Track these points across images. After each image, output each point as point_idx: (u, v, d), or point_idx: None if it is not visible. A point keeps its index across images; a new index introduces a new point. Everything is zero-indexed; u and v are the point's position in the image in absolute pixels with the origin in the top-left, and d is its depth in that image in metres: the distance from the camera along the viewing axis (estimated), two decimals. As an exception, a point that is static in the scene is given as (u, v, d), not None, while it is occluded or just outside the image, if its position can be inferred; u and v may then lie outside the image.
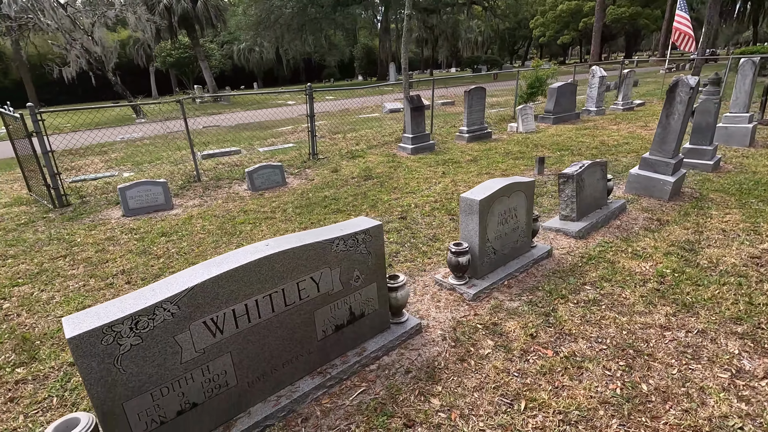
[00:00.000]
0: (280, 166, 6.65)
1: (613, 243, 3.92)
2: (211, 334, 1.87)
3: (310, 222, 4.94)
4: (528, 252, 3.63)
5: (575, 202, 4.17)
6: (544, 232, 4.27)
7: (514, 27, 63.77)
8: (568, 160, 6.93)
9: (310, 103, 7.88)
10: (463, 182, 6.08)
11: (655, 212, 4.62)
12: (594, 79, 11.29)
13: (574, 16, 52.79)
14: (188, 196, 6.35)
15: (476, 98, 8.91)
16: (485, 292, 3.12)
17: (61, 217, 5.62)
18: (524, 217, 3.47)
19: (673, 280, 3.20)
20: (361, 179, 6.64)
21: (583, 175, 4.17)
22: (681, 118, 4.71)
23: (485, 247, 3.18)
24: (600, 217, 4.34)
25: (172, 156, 9.91)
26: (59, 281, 3.81)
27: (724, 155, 6.67)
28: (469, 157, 7.55)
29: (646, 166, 5.14)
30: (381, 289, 2.54)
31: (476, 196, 3.03)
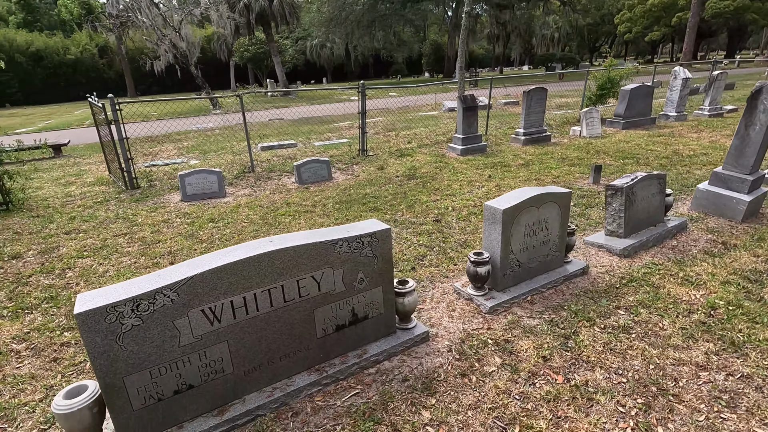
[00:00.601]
0: (327, 161, 6.82)
1: (662, 265, 3.56)
2: (209, 323, 1.97)
3: (346, 218, 5.01)
4: (560, 267, 3.40)
5: (623, 217, 3.84)
6: (585, 247, 3.98)
7: (597, 23, 59.73)
8: (631, 170, 6.38)
9: (362, 101, 7.98)
10: (507, 187, 5.84)
11: (721, 234, 4.11)
12: (676, 81, 10.26)
13: (667, 11, 48.33)
14: (241, 186, 6.73)
15: (536, 99, 8.48)
16: (504, 306, 2.98)
17: (129, 198, 6.22)
18: (557, 230, 3.25)
19: (725, 314, 2.83)
20: (404, 178, 6.62)
21: (634, 189, 3.82)
22: (764, 129, 4.13)
23: (508, 259, 3.03)
24: (652, 235, 3.95)
25: (235, 146, 10.55)
26: (116, 257, 4.23)
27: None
28: (521, 162, 7.22)
29: (718, 181, 4.58)
30: (387, 294, 2.52)
31: (500, 205, 2.89)
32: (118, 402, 1.83)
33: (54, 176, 8.12)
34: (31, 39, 47.84)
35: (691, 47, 34.76)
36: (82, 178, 7.78)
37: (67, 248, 4.48)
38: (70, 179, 7.79)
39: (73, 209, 5.84)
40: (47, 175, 8.36)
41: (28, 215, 5.65)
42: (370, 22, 33.86)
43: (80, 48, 49.64)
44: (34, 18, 56.78)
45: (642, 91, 9.64)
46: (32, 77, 46.78)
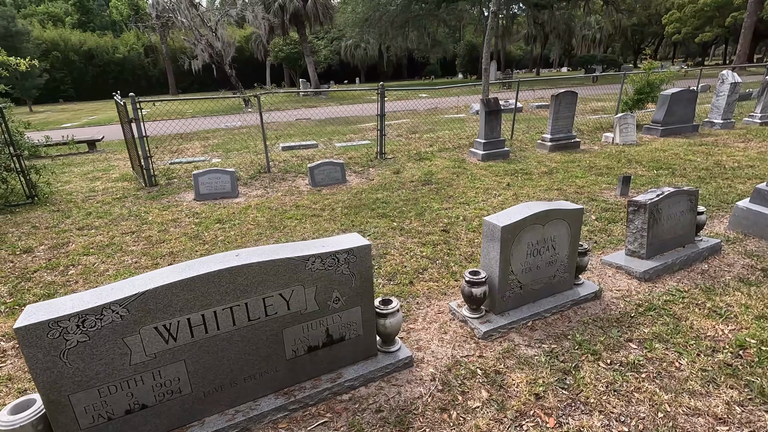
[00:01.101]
0: (341, 163, 6.70)
1: (687, 292, 3.19)
2: (163, 341, 1.86)
3: (352, 224, 4.86)
4: (569, 290, 3.11)
5: (646, 237, 3.48)
6: (602, 267, 3.65)
7: (643, 23, 57.09)
8: (665, 182, 5.90)
9: (381, 102, 7.82)
10: (526, 197, 5.51)
11: (761, 259, 3.68)
12: (723, 86, 9.51)
13: (721, 10, 45.55)
14: (255, 186, 6.71)
15: (565, 104, 8.05)
16: (500, 331, 2.73)
17: (146, 196, 6.32)
18: (565, 249, 2.97)
19: (756, 355, 2.48)
20: (419, 183, 6.40)
21: (659, 206, 3.46)
22: (816, 142, 3.66)
23: (507, 280, 2.78)
24: (680, 257, 3.57)
25: (258, 146, 10.62)
26: (119, 255, 4.25)
27: None
28: (545, 169, 6.84)
29: (761, 199, 4.12)
30: (367, 314, 2.34)
31: (499, 222, 2.65)
32: (64, 420, 1.75)
33: (84, 171, 8.43)
34: (84, 38, 50.61)
35: (746, 49, 32.55)
36: (108, 174, 8.02)
37: (75, 245, 4.56)
38: (98, 174, 8.05)
39: (92, 205, 5.99)
40: (78, 169, 8.68)
41: (49, 209, 5.83)
42: (404, 23, 33.63)
43: (128, 47, 52.10)
44: (87, 19, 60.14)
45: (684, 96, 8.98)
46: (84, 75, 49.44)
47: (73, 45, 48.85)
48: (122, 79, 50.78)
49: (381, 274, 3.65)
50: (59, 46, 47.85)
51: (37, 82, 33.19)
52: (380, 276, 3.62)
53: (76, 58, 48.58)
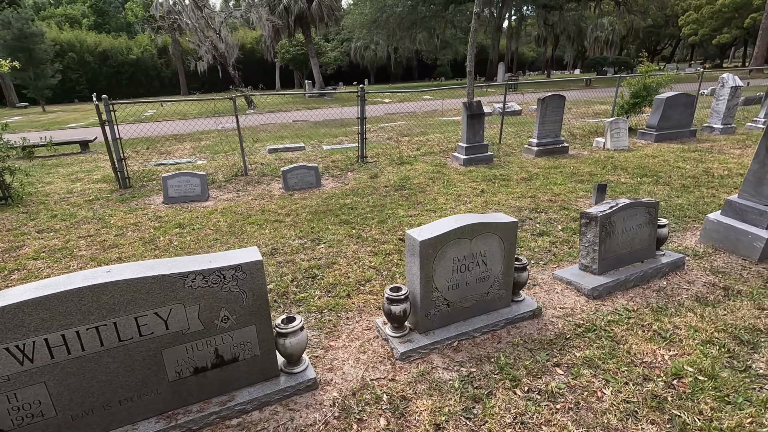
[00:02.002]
0: (315, 167, 6.59)
1: (636, 312, 2.99)
2: (18, 362, 1.75)
3: (311, 231, 4.74)
4: (505, 308, 2.93)
5: (598, 251, 3.28)
6: (552, 282, 3.45)
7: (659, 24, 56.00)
8: (646, 190, 5.65)
9: (361, 106, 7.69)
10: (497, 204, 5.32)
11: (726, 276, 3.44)
12: (723, 90, 9.15)
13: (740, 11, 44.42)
14: (228, 189, 6.64)
15: (552, 107, 7.81)
16: (420, 352, 2.57)
17: (117, 198, 6.29)
18: (499, 265, 2.79)
19: (690, 386, 2.28)
20: (393, 189, 6.25)
21: (612, 218, 3.26)
22: (788, 152, 3.42)
23: (431, 298, 2.62)
24: (635, 273, 3.36)
25: (247, 148, 10.59)
26: (67, 260, 4.20)
27: None
28: (525, 175, 6.63)
29: (732, 211, 3.87)
30: (263, 333, 2.20)
31: (419, 236, 2.49)
32: None
33: (69, 172, 8.47)
34: (99, 40, 51.56)
35: (763, 51, 31.64)
36: (91, 175, 8.05)
37: (29, 248, 4.52)
38: (81, 176, 8.08)
39: (61, 207, 5.98)
40: (65, 170, 8.74)
41: (18, 211, 5.84)
42: (411, 24, 33.50)
43: (141, 49, 52.95)
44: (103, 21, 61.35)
45: (680, 100, 8.66)
46: (98, 76, 50.33)
47: (88, 46, 49.79)
48: (135, 80, 51.68)
49: (321, 285, 3.52)
50: (75, 47, 48.85)
51: (49, 83, 33.89)
52: (319, 288, 3.48)
53: (91, 59, 49.50)
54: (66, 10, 62.72)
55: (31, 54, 31.15)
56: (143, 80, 52.18)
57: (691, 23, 48.58)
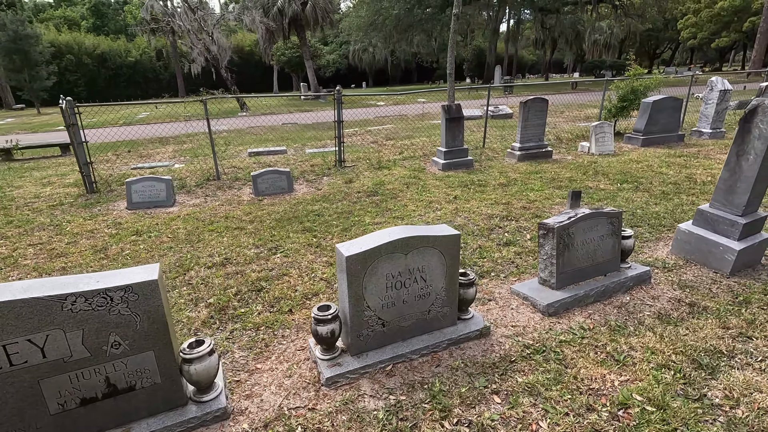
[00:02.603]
0: (287, 172, 6.40)
1: (592, 331, 2.79)
2: None
3: (270, 239, 4.55)
4: (449, 327, 2.73)
5: (555, 265, 3.09)
6: (509, 297, 3.25)
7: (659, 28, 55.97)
8: (624, 197, 5.45)
9: (337, 109, 7.50)
10: (468, 211, 5.13)
11: (695, 291, 3.24)
12: (712, 94, 8.96)
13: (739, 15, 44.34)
14: (197, 194, 6.46)
15: (534, 111, 7.62)
16: (348, 378, 2.37)
17: (81, 203, 6.11)
18: (440, 281, 2.59)
19: (636, 417, 2.07)
20: (365, 194, 6.06)
21: (570, 230, 3.07)
22: (759, 160, 3.22)
23: (362, 317, 2.42)
24: (596, 288, 3.16)
25: (228, 151, 10.42)
26: (8, 270, 4.01)
27: None
28: (503, 181, 6.44)
29: (703, 221, 3.67)
30: (164, 359, 2.01)
31: (346, 251, 2.30)
32: None
33: (42, 176, 8.30)
34: (98, 42, 51.56)
35: (761, 55, 31.48)
36: (63, 179, 7.87)
37: (-26, 256, 4.34)
38: (53, 179, 7.90)
39: (22, 212, 5.80)
40: (39, 173, 8.57)
41: (-24, 216, 5.66)
42: (408, 27, 33.38)
43: (140, 51, 52.92)
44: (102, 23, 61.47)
45: (667, 104, 8.47)
46: (97, 77, 50.28)
47: (86, 48, 49.72)
48: (134, 82, 51.63)
49: (265, 299, 3.32)
50: (73, 49, 48.79)
51: (44, 85, 33.80)
52: (263, 302, 3.29)
53: (89, 62, 49.43)
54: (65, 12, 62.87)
55: (27, 56, 31.09)
56: (141, 82, 52.12)
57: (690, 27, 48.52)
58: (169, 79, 52.74)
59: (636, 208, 5.03)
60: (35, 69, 32.18)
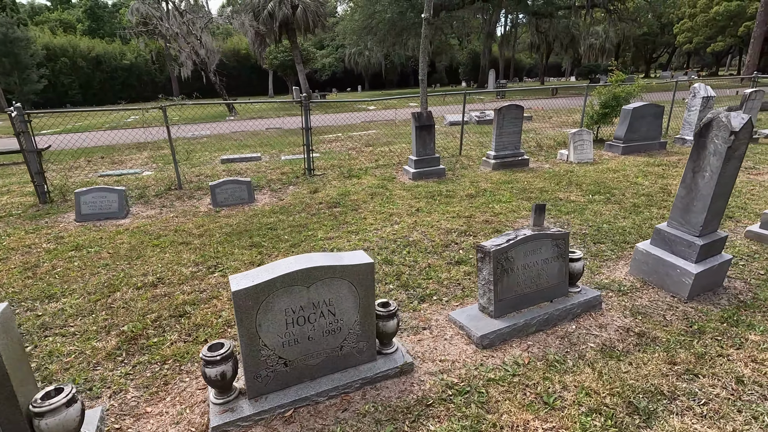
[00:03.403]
0: (247, 182, 6.16)
1: (527, 366, 2.54)
2: None
3: (214, 256, 4.30)
4: (367, 364, 2.48)
5: (493, 291, 2.84)
6: (447, 326, 3.01)
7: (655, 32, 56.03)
8: (593, 210, 5.21)
9: (305, 116, 7.28)
10: (427, 225, 4.89)
11: (647, 319, 3.00)
12: (695, 100, 8.75)
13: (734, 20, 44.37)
14: (154, 205, 6.21)
15: (509, 118, 7.39)
16: (240, 426, 2.12)
17: (28, 215, 5.86)
18: (353, 314, 2.35)
19: (551, 478, 1.82)
20: (327, 205, 5.82)
21: (509, 253, 2.82)
22: (715, 177, 2.99)
23: (259, 357, 2.17)
24: (539, 317, 2.91)
25: (203, 157, 10.19)
26: (-76, 291, 3.76)
27: None
28: (472, 191, 6.20)
29: (661, 241, 3.44)
30: (7, 413, 1.76)
31: (236, 285, 2.06)
32: None
33: (3, 183, 8.05)
34: (93, 45, 51.40)
35: (755, 60, 31.42)
36: (23, 188, 7.62)
37: None
38: (14, 188, 7.65)
39: (-34, 224, 5.55)
40: (2, 181, 8.32)
41: None
42: (401, 30, 33.27)
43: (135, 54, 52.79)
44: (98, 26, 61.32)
45: (647, 111, 8.25)
46: (91, 80, 50.08)
47: (81, 51, 49.53)
48: (129, 85, 51.47)
49: (185, 326, 3.07)
50: (68, 52, 48.57)
51: (35, 87, 33.62)
52: (182, 330, 3.04)
53: (84, 64, 49.23)
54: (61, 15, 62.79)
55: (17, 59, 30.93)
56: (137, 85, 51.96)
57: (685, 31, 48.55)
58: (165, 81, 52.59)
59: (603, 223, 4.79)
60: (25, 72, 32.02)
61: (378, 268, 3.85)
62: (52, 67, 46.70)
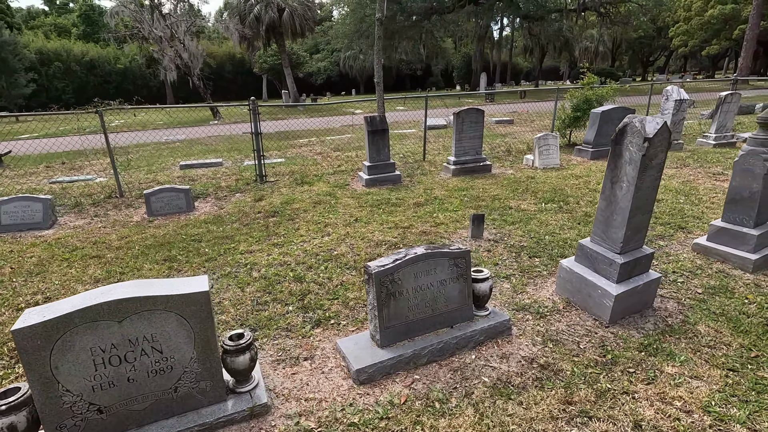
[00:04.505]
0: (185, 190, 5.86)
1: (400, 408, 2.22)
2: None
3: (121, 272, 3.99)
4: (214, 405, 2.16)
5: (378, 317, 2.52)
6: (332, 356, 2.69)
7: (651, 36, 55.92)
8: (541, 219, 4.89)
9: (254, 121, 6.98)
10: (359, 237, 4.57)
11: (559, 347, 2.67)
12: (668, 103, 8.45)
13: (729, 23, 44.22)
14: (87, 214, 5.91)
15: (469, 122, 7.09)
16: (29, 487, 1.80)
17: (-48, 225, 5.55)
18: (188, 351, 2.03)
19: None
20: (265, 215, 5.52)
21: (396, 275, 2.51)
22: (632, 188, 2.67)
23: (61, 404, 1.86)
24: (431, 346, 2.59)
25: (165, 162, 9.91)
26: None
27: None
28: (423, 199, 5.89)
29: (584, 257, 3.12)
30: None
31: (22, 321, 1.74)
32: None
33: (-51, 190, 7.75)
34: (87, 49, 51.32)
35: (748, 62, 31.25)
36: (-34, 195, 7.31)
37: None
38: (-44, 195, 7.34)
39: None
40: (-50, 188, 8.02)
41: None
42: (392, 34, 33.06)
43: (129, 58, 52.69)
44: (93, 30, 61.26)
45: (617, 114, 7.95)
46: (85, 84, 49.97)
47: (75, 55, 49.43)
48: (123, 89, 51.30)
49: (43, 355, 2.75)
50: (61, 56, 48.50)
51: (23, 92, 33.42)
52: (37, 359, 2.71)
53: (77, 69, 49.15)
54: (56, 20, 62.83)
55: (5, 63, 30.74)
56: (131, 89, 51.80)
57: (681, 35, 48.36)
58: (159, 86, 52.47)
59: (546, 234, 4.47)
60: (13, 76, 31.82)
61: (285, 287, 3.54)
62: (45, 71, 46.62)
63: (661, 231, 4.45)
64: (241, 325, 3.02)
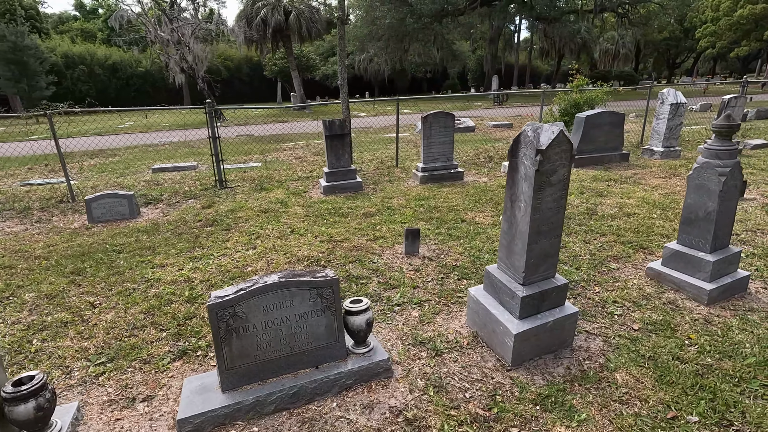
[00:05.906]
0: (129, 195, 5.63)
1: (211, 472, 1.85)
2: None
3: (20, 285, 3.74)
4: (-16, 461, 1.84)
5: (221, 357, 2.16)
6: (174, 397, 2.34)
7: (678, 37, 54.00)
8: (489, 235, 4.44)
9: (210, 124, 6.73)
10: (283, 252, 4.21)
11: (440, 395, 2.25)
12: (663, 107, 7.81)
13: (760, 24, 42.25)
14: (30, 219, 5.75)
15: (437, 127, 6.67)
16: None
17: None
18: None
19: None
20: (205, 223, 5.23)
21: (239, 308, 2.14)
22: (529, 208, 2.24)
23: None
24: (282, 391, 2.21)
25: (141, 166, 9.79)
26: None
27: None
28: (374, 209, 5.50)
29: (490, 287, 2.68)
30: None
31: None
32: None
33: None
34: (110, 53, 52.87)
35: (777, 64, 29.48)
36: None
37: None
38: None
39: None
40: (-74, 189, 8.06)
41: None
42: (402, 36, 32.76)
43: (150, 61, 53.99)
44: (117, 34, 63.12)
45: (604, 119, 7.38)
46: (107, 87, 51.46)
47: (98, 59, 50.96)
48: (143, 91, 52.63)
49: None
50: (86, 59, 50.08)
51: (44, 94, 34.47)
52: None
53: (100, 72, 50.66)
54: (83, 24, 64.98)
55: (25, 66, 31.79)
56: (151, 92, 53.09)
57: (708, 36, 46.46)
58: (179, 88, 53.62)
59: (488, 251, 4.03)
60: (34, 79, 32.87)
61: (172, 309, 3.21)
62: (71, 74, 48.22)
63: (619, 251, 3.95)
64: (98, 354, 2.71)
